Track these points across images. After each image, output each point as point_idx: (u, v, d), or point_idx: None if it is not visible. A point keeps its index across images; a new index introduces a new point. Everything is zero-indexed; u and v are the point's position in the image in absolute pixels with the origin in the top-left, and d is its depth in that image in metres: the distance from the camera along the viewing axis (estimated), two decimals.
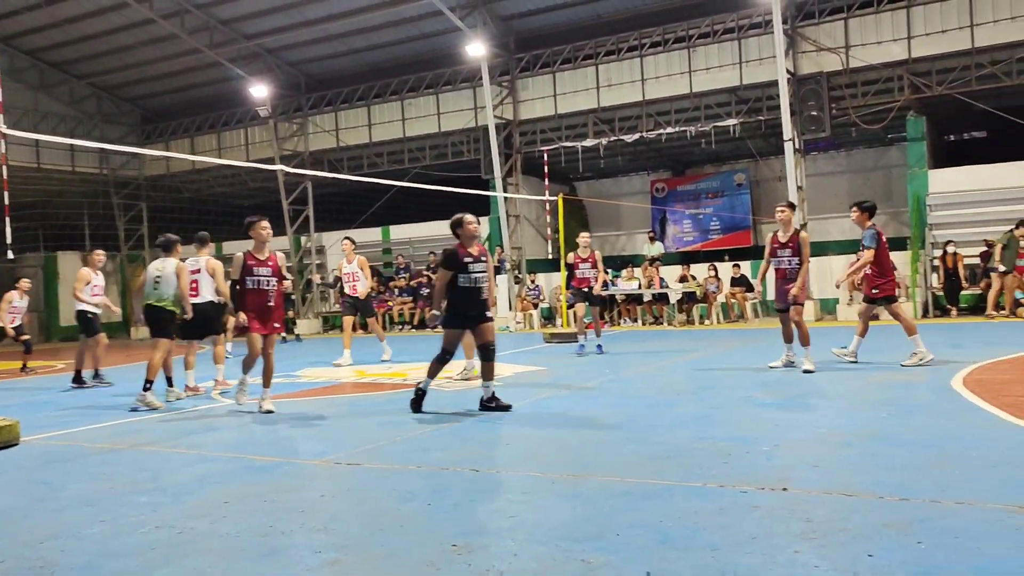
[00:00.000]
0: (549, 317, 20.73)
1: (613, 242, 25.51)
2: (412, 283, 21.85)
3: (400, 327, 21.50)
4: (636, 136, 20.12)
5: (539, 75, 21.16)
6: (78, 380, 11.27)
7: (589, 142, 20.51)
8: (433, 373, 7.58)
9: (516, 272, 21.29)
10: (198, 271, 9.86)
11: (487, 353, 7.51)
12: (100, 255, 11.93)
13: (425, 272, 21.88)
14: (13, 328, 14.56)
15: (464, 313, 7.49)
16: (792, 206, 9.69)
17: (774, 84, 17.71)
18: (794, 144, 17.94)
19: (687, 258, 22.32)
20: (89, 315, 11.34)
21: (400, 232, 24.35)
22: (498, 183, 20.64)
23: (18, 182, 22.47)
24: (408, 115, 22.86)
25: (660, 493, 4.33)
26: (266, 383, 8.07)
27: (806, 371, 8.89)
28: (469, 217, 7.60)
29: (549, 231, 21.97)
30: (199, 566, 3.52)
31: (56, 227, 27.66)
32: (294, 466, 5.60)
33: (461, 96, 22.18)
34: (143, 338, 25.53)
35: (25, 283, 14.89)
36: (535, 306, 20.52)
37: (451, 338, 7.52)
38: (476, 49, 19.59)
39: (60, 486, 5.28)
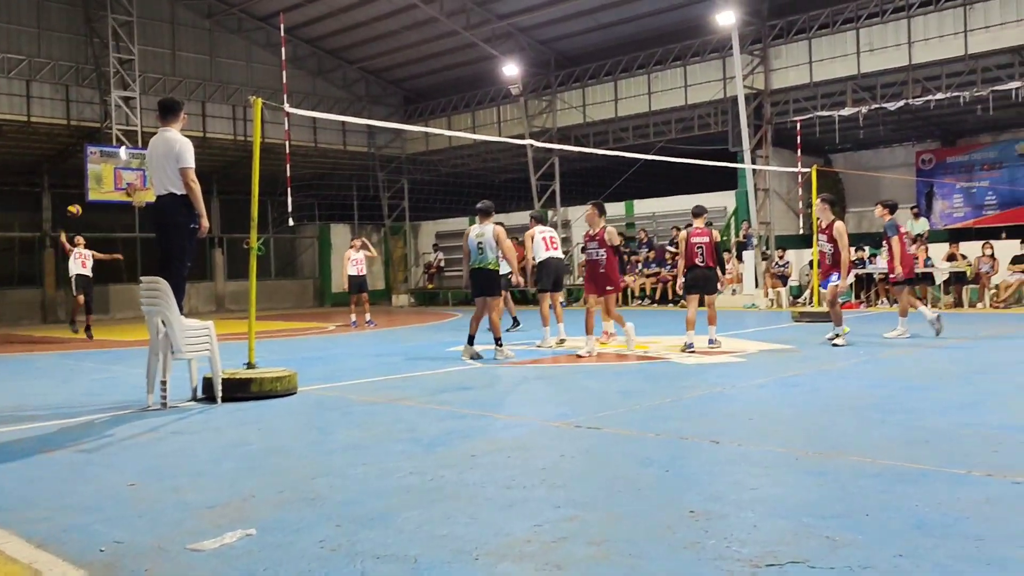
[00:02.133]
0: (799, 295, 19.84)
1: (872, 218, 23.80)
2: (651, 255, 21.72)
3: (640, 301, 21.45)
4: (900, 104, 18.61)
5: (793, 42, 20.15)
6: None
7: (847, 111, 19.27)
8: None
9: (764, 248, 20.53)
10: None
11: None
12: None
13: (667, 248, 21.66)
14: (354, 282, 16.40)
15: None
16: None
17: None
18: None
19: (956, 236, 20.44)
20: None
21: (644, 207, 24.27)
22: (746, 156, 19.92)
23: (298, 159, 24.94)
24: (654, 88, 22.64)
25: (917, 478, 4.04)
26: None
27: None
28: None
29: (801, 205, 20.97)
30: (447, 510, 3.74)
31: (329, 201, 30.26)
32: (537, 426, 5.79)
33: (709, 67, 21.62)
34: (402, 305, 27.43)
35: (357, 241, 16.98)
36: (784, 283, 19.71)
37: None
38: (726, 18, 18.95)
39: (329, 431, 5.82)
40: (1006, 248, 17.55)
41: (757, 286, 19.70)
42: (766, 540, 3.22)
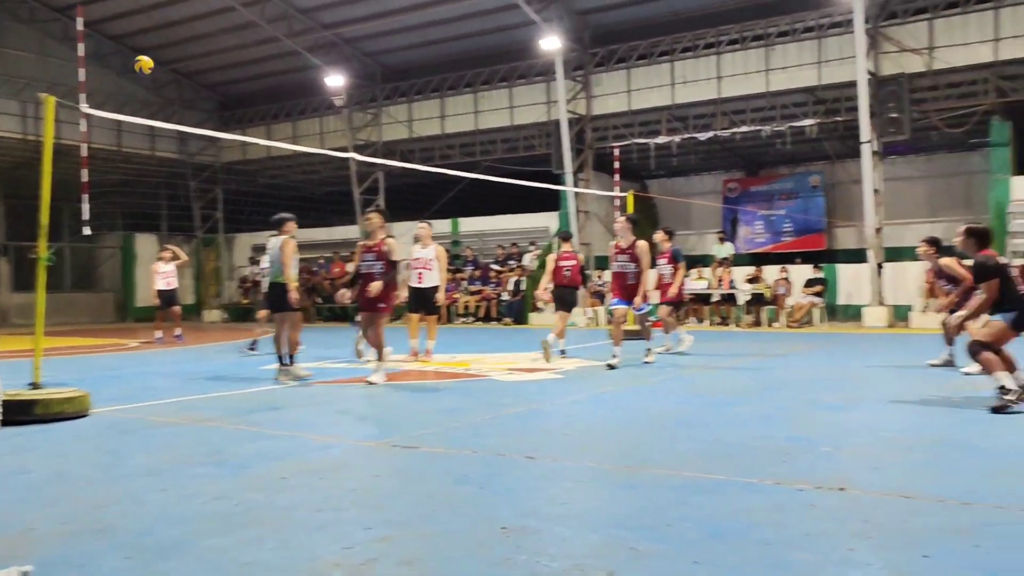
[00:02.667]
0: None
1: (683, 241, 25.13)
2: (476, 274, 21.95)
3: (464, 319, 21.58)
4: (710, 134, 19.85)
5: (613, 71, 21.02)
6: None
7: (662, 139, 20.31)
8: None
9: (583, 268, 21.17)
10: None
11: None
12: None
13: (492, 266, 21.96)
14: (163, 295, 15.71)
15: None
16: None
17: (853, 85, 17.29)
18: (872, 147, 17.47)
19: (757, 260, 21.96)
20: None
21: (469, 225, 24.47)
22: (569, 178, 20.57)
23: (99, 163, 23.27)
24: (481, 108, 22.95)
25: (715, 488, 4.26)
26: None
27: None
28: None
29: None
30: (254, 535, 3.58)
31: (134, 209, 28.51)
32: (352, 447, 5.67)
33: (534, 90, 22.17)
34: (214, 320, 26.24)
35: (167, 253, 16.11)
36: (602, 301, 20.42)
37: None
38: (551, 43, 19.54)
39: (124, 456, 5.41)
40: (800, 272, 19.04)
41: (578, 304, 20.26)
42: (575, 553, 3.28)
